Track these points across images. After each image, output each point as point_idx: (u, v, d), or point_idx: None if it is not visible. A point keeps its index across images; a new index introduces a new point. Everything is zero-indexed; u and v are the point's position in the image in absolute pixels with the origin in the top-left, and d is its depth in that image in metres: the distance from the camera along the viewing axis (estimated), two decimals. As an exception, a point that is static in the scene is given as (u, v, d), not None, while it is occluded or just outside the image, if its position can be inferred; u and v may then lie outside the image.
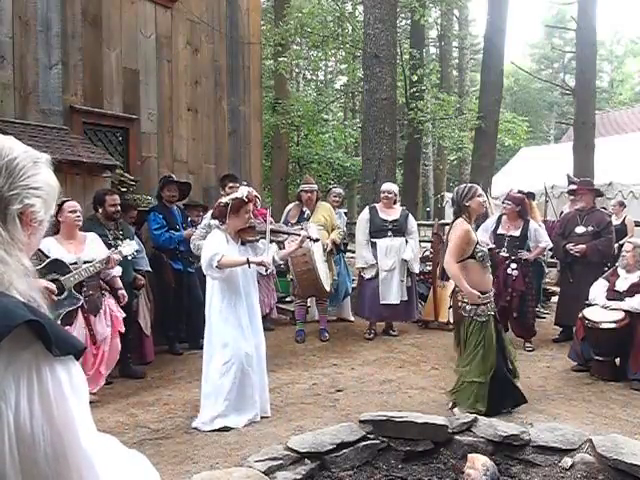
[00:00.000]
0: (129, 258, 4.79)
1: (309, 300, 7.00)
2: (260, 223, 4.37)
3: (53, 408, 0.89)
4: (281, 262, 4.35)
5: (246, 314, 4.12)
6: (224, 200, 4.19)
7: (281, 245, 4.66)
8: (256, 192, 4.36)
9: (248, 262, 3.99)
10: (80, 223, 4.55)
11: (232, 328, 4.06)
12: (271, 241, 4.31)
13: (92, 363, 4.52)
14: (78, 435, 0.92)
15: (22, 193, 1.00)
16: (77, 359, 0.96)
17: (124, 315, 4.83)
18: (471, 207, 4.21)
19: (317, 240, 4.89)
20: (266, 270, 4.10)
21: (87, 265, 4.39)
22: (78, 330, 4.41)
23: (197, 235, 5.81)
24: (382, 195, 6.70)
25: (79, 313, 4.46)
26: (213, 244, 4.07)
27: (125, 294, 4.85)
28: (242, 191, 4.14)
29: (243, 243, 4.20)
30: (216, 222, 4.30)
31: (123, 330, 4.80)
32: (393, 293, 6.51)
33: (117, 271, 4.76)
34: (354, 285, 7.47)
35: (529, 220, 6.17)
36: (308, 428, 3.81)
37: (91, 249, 4.56)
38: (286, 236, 4.54)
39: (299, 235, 4.44)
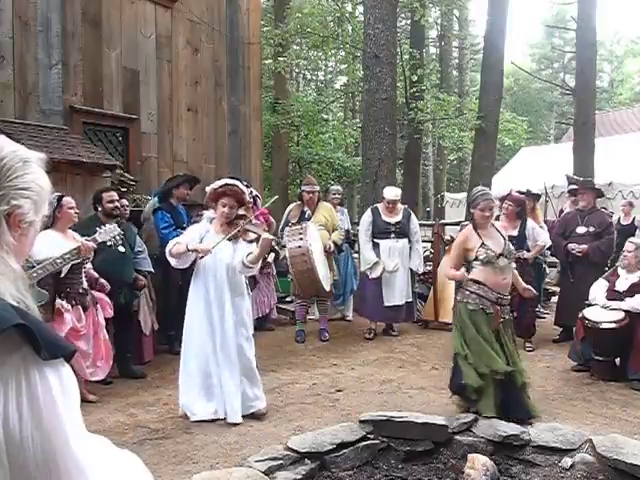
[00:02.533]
0: (108, 244, 4.39)
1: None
2: (256, 223, 4.34)
3: (42, 412, 0.88)
4: (250, 265, 4.16)
5: (206, 307, 4.11)
6: (207, 189, 4.24)
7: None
8: (240, 187, 4.23)
9: (187, 249, 4.02)
10: (76, 219, 4.53)
11: (197, 324, 4.12)
12: (250, 241, 4.26)
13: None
14: (68, 439, 0.91)
15: (9, 194, 0.97)
16: (68, 361, 0.94)
17: (110, 315, 4.79)
18: (475, 214, 4.21)
19: (275, 251, 4.77)
20: (201, 257, 4.03)
21: (54, 258, 4.03)
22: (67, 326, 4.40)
23: None
24: (386, 203, 6.60)
25: (70, 310, 4.44)
26: (184, 233, 4.25)
27: (105, 282, 4.77)
28: (218, 182, 4.18)
29: (230, 239, 4.17)
30: (211, 213, 4.32)
31: (104, 332, 4.68)
32: (396, 294, 6.52)
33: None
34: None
35: (526, 219, 6.14)
36: (308, 428, 3.81)
37: None
38: (256, 236, 4.37)
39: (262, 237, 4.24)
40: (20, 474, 0.88)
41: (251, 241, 4.27)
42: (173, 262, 4.19)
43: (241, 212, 4.31)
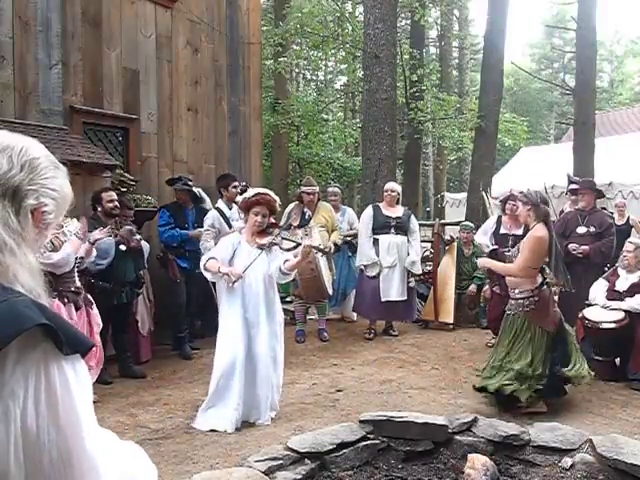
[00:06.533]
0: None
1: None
2: (277, 229, 4.31)
3: (59, 407, 0.89)
4: (287, 272, 4.17)
5: (242, 317, 4.04)
6: (239, 198, 4.22)
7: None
8: (272, 195, 4.19)
9: (219, 271, 3.96)
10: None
11: (227, 330, 4.06)
12: (288, 249, 4.23)
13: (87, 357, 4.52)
14: (83, 435, 0.92)
15: (39, 190, 1.02)
16: (84, 357, 0.96)
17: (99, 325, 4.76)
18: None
19: (325, 252, 4.82)
20: (232, 283, 3.97)
21: None
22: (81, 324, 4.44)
23: (205, 238, 5.83)
24: (385, 193, 6.71)
25: (81, 308, 4.48)
26: (217, 246, 4.13)
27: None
28: (250, 192, 4.12)
29: (261, 247, 4.11)
30: (240, 223, 4.31)
31: (100, 326, 4.72)
32: (394, 290, 6.51)
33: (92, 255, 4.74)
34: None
35: None
36: (308, 428, 3.80)
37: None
38: (294, 244, 4.40)
39: (302, 245, 4.27)
40: (35, 468, 0.89)
41: (288, 249, 4.26)
42: (209, 276, 4.13)
43: (272, 220, 4.29)
